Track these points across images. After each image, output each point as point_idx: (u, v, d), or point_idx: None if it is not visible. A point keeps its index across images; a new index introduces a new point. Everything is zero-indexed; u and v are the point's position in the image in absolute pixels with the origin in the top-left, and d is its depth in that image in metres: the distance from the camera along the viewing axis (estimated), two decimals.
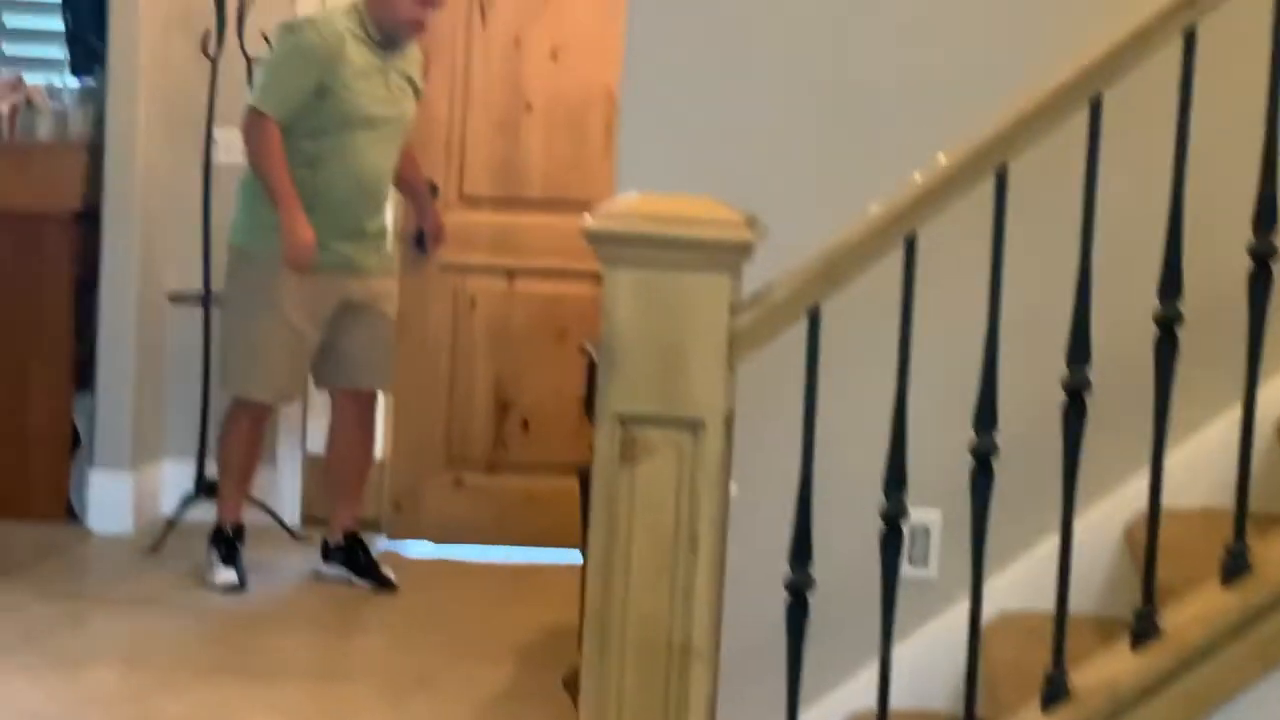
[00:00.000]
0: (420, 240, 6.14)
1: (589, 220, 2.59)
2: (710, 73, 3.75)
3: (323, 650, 5.29)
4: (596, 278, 6.13)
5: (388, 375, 5.88)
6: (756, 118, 3.71)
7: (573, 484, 5.69)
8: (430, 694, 4.86)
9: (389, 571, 5.84)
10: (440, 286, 6.40)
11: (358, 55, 5.48)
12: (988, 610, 3.17)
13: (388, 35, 5.56)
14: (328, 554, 5.89)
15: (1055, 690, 2.77)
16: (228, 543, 5.73)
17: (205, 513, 6.23)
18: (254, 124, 5.46)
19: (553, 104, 6.33)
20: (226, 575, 5.65)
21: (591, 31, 6.25)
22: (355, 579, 5.82)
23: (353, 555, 5.85)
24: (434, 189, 6.30)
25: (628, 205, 2.62)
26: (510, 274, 6.38)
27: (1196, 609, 2.79)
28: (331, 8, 5.81)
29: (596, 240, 2.58)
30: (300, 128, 5.46)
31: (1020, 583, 3.53)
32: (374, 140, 5.54)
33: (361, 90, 5.49)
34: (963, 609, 2.90)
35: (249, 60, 6.05)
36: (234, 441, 5.73)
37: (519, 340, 6.41)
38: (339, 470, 5.92)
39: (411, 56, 5.71)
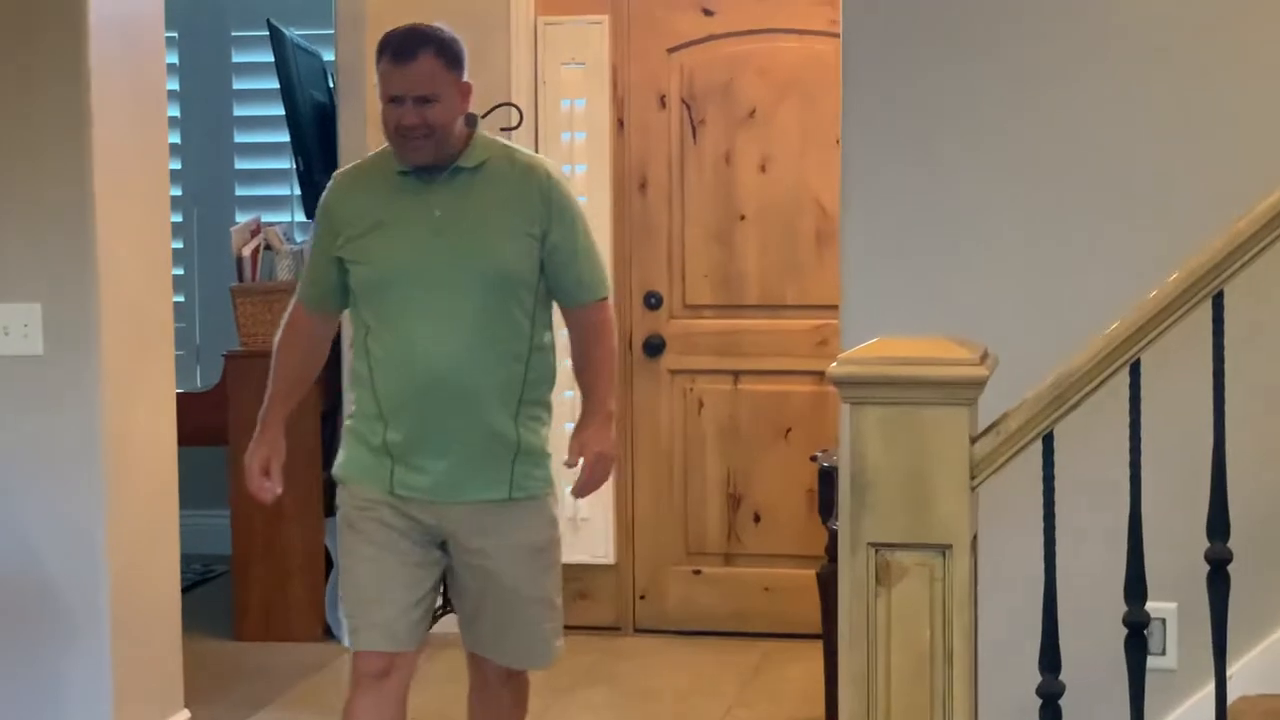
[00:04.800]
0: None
1: (834, 367, 2.80)
2: (926, 193, 3.94)
3: None
4: (815, 376, 6.45)
5: (515, 649, 4.20)
6: (974, 237, 3.90)
7: (806, 574, 5.92)
8: None
9: None
10: (671, 389, 6.71)
11: (373, 202, 4.01)
12: (1228, 695, 3.31)
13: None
14: None
15: None
16: None
17: (450, 625, 6.51)
18: None
19: (764, 213, 6.58)
20: None
21: (796, 144, 6.52)
22: None
23: None
24: (658, 299, 6.62)
25: (869, 351, 2.82)
26: (735, 375, 6.63)
27: None
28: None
29: (843, 385, 2.79)
30: (353, 313, 4.09)
31: (1258, 668, 3.67)
32: (424, 310, 3.93)
33: (380, 244, 3.98)
34: (1202, 696, 3.05)
35: None
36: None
37: (746, 437, 6.66)
38: None
39: (498, 179, 4.01)
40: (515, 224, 3.97)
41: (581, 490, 4.10)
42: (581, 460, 4.07)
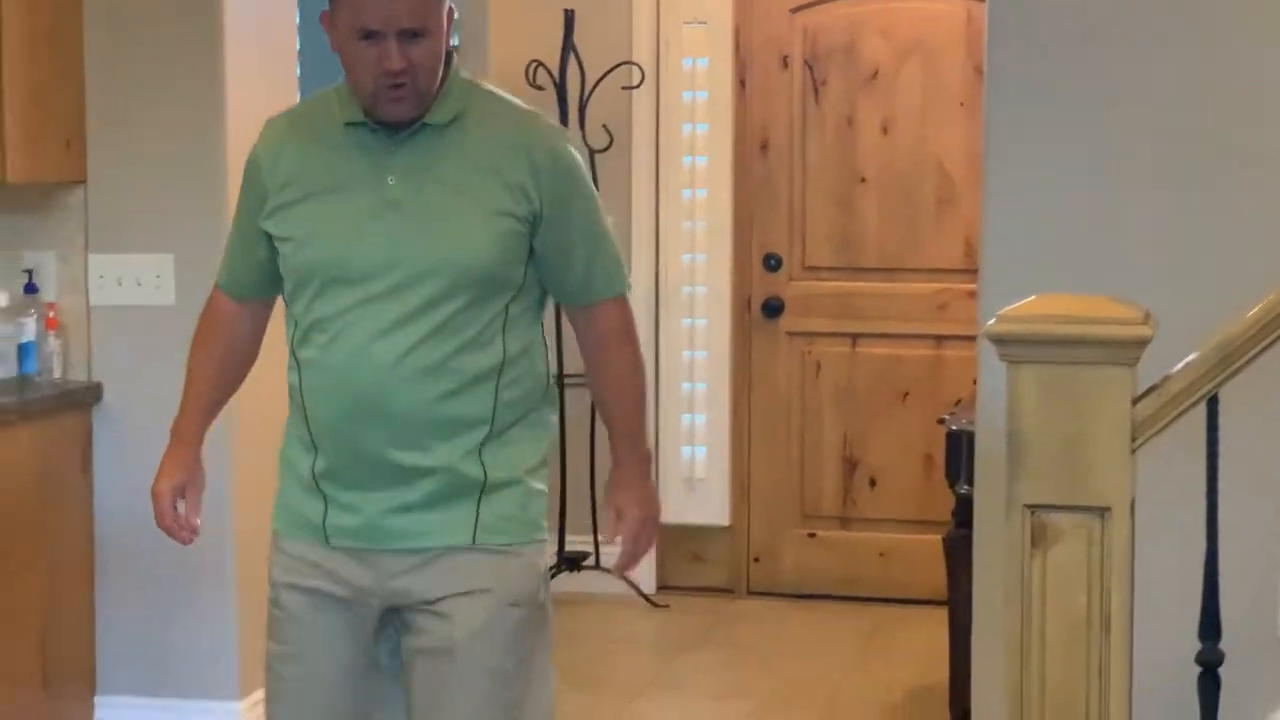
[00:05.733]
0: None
1: (991, 324, 2.74)
2: (1070, 153, 3.88)
3: (699, 716, 5.49)
4: (934, 340, 6.40)
5: None
6: (1118, 198, 3.84)
7: (923, 540, 5.88)
8: None
9: None
10: (789, 351, 6.68)
11: (311, 161, 3.04)
12: None
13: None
14: None
15: None
16: None
17: (566, 584, 6.52)
18: None
19: (884, 176, 6.53)
20: None
21: (919, 106, 6.46)
22: None
23: None
24: (778, 261, 6.58)
25: (1029, 309, 2.76)
26: (853, 338, 6.59)
27: None
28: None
29: (1001, 342, 2.73)
30: (286, 307, 3.17)
31: None
32: (364, 307, 2.98)
33: (315, 218, 3.03)
34: None
35: (591, 153, 6.36)
36: None
37: (863, 401, 6.63)
38: None
39: (477, 139, 3.01)
40: (494, 200, 2.98)
41: (624, 565, 3.23)
42: (622, 529, 3.17)
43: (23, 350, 4.67)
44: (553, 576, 6.46)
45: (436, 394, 2.97)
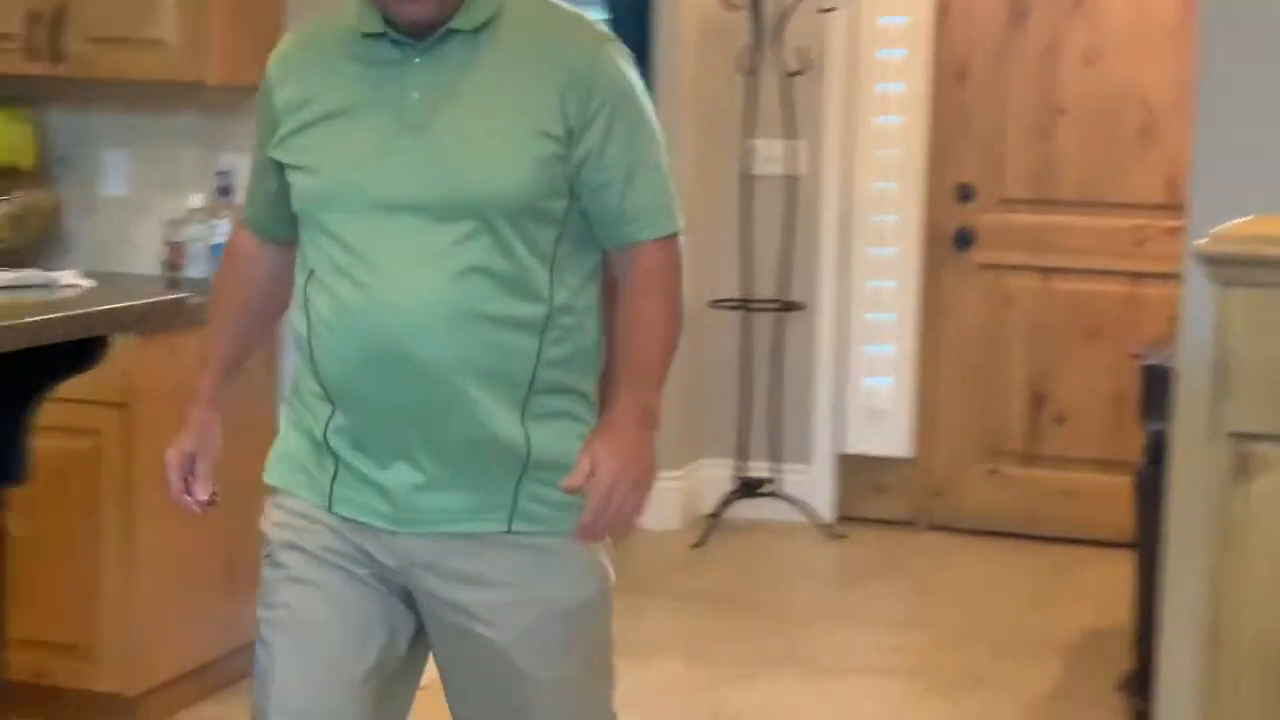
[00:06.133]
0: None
1: (1203, 243, 2.65)
2: None
3: (874, 647, 5.43)
4: (1130, 277, 6.27)
5: None
6: None
7: (1110, 480, 5.77)
8: (981, 692, 4.97)
9: None
10: (978, 283, 6.58)
11: (323, 79, 2.63)
12: None
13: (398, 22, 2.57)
14: None
15: None
16: None
17: (744, 510, 6.49)
18: None
19: (1086, 107, 6.38)
20: None
21: (1126, 35, 6.31)
22: None
23: None
24: (971, 192, 6.48)
25: (1244, 229, 2.67)
26: (1045, 272, 6.48)
27: None
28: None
29: (1211, 263, 2.64)
30: (299, 246, 2.71)
31: None
32: (383, 244, 2.56)
33: (326, 142, 2.61)
34: None
35: (790, 75, 6.29)
36: None
37: (1053, 336, 6.52)
38: None
39: (511, 49, 2.58)
40: (531, 119, 2.55)
41: (587, 530, 2.59)
42: (591, 484, 2.57)
43: (215, 251, 4.71)
44: (731, 502, 6.45)
45: (468, 343, 2.55)
